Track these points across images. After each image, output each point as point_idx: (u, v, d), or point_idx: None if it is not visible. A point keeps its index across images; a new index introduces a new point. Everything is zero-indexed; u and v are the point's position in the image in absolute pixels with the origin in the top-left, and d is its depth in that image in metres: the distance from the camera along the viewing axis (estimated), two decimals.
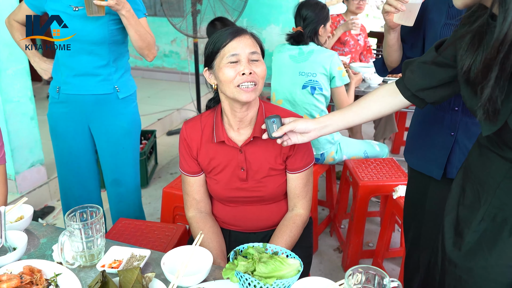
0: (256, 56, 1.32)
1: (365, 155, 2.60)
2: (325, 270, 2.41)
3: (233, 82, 1.30)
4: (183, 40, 6.00)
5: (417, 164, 1.50)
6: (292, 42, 2.40)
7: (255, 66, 1.31)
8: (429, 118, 1.46)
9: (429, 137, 1.46)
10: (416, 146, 1.52)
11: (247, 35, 1.34)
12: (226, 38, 1.31)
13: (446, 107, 1.41)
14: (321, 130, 1.28)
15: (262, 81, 1.34)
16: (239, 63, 1.30)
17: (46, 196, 3.11)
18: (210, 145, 1.44)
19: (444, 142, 1.41)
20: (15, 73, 2.81)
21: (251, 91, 1.30)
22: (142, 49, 1.90)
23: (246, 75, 1.28)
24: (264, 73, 1.33)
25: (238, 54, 1.29)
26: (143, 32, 1.86)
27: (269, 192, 1.46)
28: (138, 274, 1.05)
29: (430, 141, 1.46)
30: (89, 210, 1.21)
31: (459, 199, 1.09)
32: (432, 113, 1.45)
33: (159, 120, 4.53)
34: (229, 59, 1.30)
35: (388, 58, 1.60)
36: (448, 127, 1.41)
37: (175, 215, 2.14)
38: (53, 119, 2.04)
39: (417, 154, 1.51)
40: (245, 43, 1.31)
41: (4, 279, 1.07)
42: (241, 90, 1.30)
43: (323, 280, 1.03)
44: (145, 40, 1.88)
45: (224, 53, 1.31)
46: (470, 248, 1.02)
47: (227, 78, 1.30)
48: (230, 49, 1.30)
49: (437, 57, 1.13)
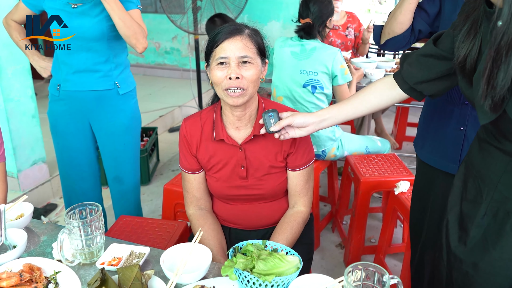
0: (246, 59, 1.28)
1: (366, 150, 2.58)
2: (327, 266, 2.40)
3: (221, 85, 1.28)
4: (184, 37, 5.99)
5: (429, 158, 1.48)
6: (302, 35, 2.35)
7: (245, 70, 1.28)
8: (439, 112, 1.45)
9: (439, 131, 1.45)
10: (426, 139, 1.51)
11: (241, 36, 1.29)
12: (219, 39, 1.29)
13: (456, 101, 1.39)
14: (319, 124, 1.27)
15: (253, 84, 1.30)
16: (228, 66, 1.28)
17: (48, 193, 3.12)
18: (209, 143, 1.43)
19: (454, 137, 1.40)
20: (16, 72, 2.81)
21: (238, 96, 1.28)
22: (128, 37, 1.84)
23: (233, 79, 1.26)
24: (255, 77, 1.29)
25: (227, 57, 1.27)
26: (128, 19, 1.81)
27: (269, 190, 1.45)
28: (137, 271, 1.05)
29: (440, 135, 1.45)
30: (88, 207, 1.21)
31: (462, 194, 1.09)
32: (442, 106, 1.43)
33: (161, 117, 4.53)
34: (218, 61, 1.28)
35: (394, 22, 1.52)
36: (457, 121, 1.39)
37: (176, 212, 2.14)
38: (53, 117, 2.04)
39: (428, 148, 1.49)
40: (237, 46, 1.27)
41: (3, 277, 1.07)
42: (228, 95, 1.28)
43: (323, 277, 1.02)
44: (131, 27, 1.82)
45: (215, 54, 1.29)
46: (475, 243, 1.02)
47: (216, 79, 1.29)
48: (221, 51, 1.28)
49: (435, 50, 1.12)
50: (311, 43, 2.33)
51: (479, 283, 1.02)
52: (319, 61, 2.30)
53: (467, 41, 0.96)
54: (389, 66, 3.19)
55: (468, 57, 0.95)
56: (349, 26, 3.55)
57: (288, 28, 5.06)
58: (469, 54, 0.95)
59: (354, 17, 3.60)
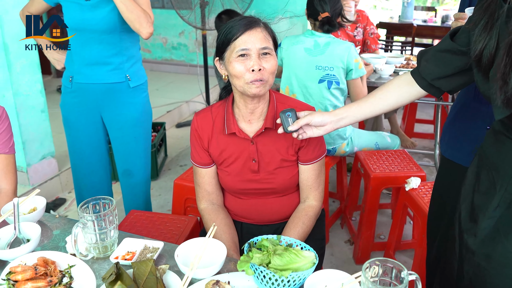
0: (267, 50, 1.29)
1: (376, 146, 2.57)
2: (336, 262, 2.40)
3: (243, 78, 1.28)
4: (191, 33, 5.97)
5: (453, 154, 1.46)
6: (328, 28, 2.32)
7: (265, 61, 1.28)
8: (465, 109, 1.43)
9: (465, 128, 1.43)
10: (451, 136, 1.49)
11: (259, 28, 1.30)
12: (237, 31, 1.28)
13: (483, 100, 1.37)
14: (337, 123, 1.26)
15: (272, 75, 1.31)
16: (249, 58, 1.27)
17: (57, 188, 3.13)
18: (221, 137, 1.42)
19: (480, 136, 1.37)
20: (25, 67, 2.81)
21: (260, 86, 1.28)
22: (131, 21, 1.82)
23: (256, 71, 1.26)
24: (274, 68, 1.30)
25: (249, 49, 1.27)
26: (130, 3, 1.80)
27: (281, 184, 1.45)
28: (152, 266, 1.05)
29: (466, 133, 1.43)
30: (102, 201, 1.21)
31: (474, 186, 1.08)
32: (468, 104, 1.42)
33: (168, 112, 4.53)
34: (239, 53, 1.27)
35: None
36: (483, 120, 1.37)
37: (186, 207, 2.13)
38: (66, 109, 2.06)
39: (453, 144, 1.48)
40: (257, 37, 1.27)
41: (18, 271, 1.07)
42: (251, 85, 1.28)
43: (339, 273, 1.01)
44: (133, 11, 1.80)
45: (234, 47, 1.28)
46: (487, 235, 1.01)
47: (236, 73, 1.28)
48: (241, 43, 1.27)
49: (452, 45, 1.11)
50: (324, 37, 2.32)
51: (491, 274, 1.01)
52: (335, 56, 2.29)
53: (484, 35, 0.95)
54: (399, 62, 3.17)
55: (485, 51, 0.94)
56: (358, 26, 3.50)
57: (296, 24, 5.02)
58: (486, 48, 0.94)
59: (363, 16, 3.55)
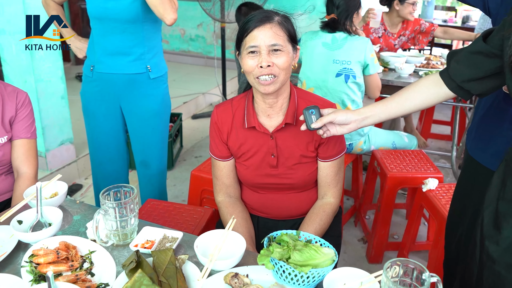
0: (277, 47, 1.27)
1: (393, 146, 2.55)
2: (349, 260, 2.39)
3: (253, 73, 1.28)
4: (209, 25, 5.97)
5: (478, 155, 1.44)
6: (328, 30, 2.35)
7: (275, 57, 1.27)
8: (492, 110, 1.40)
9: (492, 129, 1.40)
10: (477, 135, 1.46)
11: (271, 24, 1.27)
12: (249, 27, 1.28)
13: (509, 100, 1.34)
14: (361, 122, 1.24)
15: (285, 72, 1.29)
16: (258, 54, 1.27)
17: (74, 174, 3.17)
18: (240, 130, 1.42)
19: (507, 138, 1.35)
20: (46, 53, 2.84)
21: (269, 84, 1.28)
22: (155, 6, 1.79)
23: (264, 67, 1.26)
24: (286, 64, 1.29)
25: (258, 46, 1.26)
26: None
27: (299, 180, 1.44)
28: (171, 255, 1.06)
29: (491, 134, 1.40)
30: (123, 189, 1.22)
31: (499, 193, 1.06)
32: (498, 105, 1.39)
33: (185, 103, 4.55)
34: (249, 50, 1.27)
35: None
36: (510, 122, 1.34)
37: (202, 198, 2.15)
38: (85, 97, 2.07)
39: (479, 145, 1.45)
40: (266, 34, 1.26)
41: (41, 254, 1.09)
42: (260, 83, 1.28)
43: (358, 271, 1.01)
44: None
45: (246, 43, 1.29)
46: (510, 244, 0.99)
47: (247, 68, 1.29)
48: (251, 39, 1.27)
49: (485, 47, 1.08)
50: (341, 33, 2.33)
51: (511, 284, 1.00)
52: (352, 50, 2.29)
53: None
54: (419, 61, 3.13)
55: None
56: (402, 34, 3.47)
57: (314, 19, 4.98)
58: None
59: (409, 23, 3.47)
